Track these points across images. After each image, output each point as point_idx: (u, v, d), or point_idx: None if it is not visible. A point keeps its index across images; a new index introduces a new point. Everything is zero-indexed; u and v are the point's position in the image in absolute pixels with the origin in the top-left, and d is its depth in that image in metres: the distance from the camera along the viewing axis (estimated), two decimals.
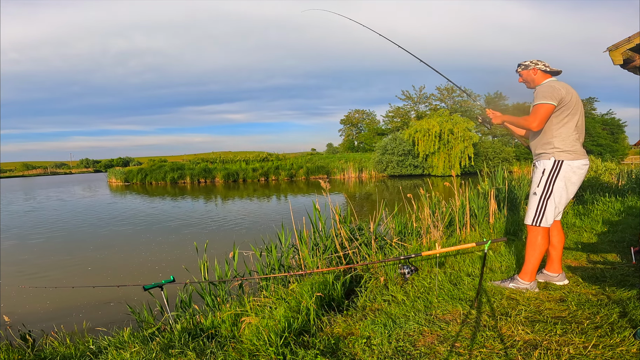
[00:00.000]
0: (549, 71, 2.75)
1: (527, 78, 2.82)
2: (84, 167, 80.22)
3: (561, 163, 2.62)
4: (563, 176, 2.62)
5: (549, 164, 2.65)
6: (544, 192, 2.66)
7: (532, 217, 2.71)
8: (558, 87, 2.60)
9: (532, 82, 2.80)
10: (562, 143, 2.62)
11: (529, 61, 2.78)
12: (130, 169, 36.09)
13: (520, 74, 2.85)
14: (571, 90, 2.65)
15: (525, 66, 2.79)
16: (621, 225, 4.95)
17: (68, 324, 4.30)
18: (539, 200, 2.67)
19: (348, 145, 51.69)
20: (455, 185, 4.97)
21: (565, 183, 2.63)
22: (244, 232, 10.54)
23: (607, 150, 36.61)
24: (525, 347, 1.91)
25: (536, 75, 2.76)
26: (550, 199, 2.65)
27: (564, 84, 2.67)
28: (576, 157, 2.62)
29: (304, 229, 4.08)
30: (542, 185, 2.67)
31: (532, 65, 2.76)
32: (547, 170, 2.65)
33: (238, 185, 29.24)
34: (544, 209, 2.66)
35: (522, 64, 2.81)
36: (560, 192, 2.64)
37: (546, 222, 2.67)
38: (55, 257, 8.67)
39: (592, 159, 10.67)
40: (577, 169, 2.63)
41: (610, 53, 5.01)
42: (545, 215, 2.66)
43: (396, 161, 32.09)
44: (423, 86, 44.69)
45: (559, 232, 2.85)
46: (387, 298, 2.80)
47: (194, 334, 2.65)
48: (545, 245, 2.71)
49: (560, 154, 2.62)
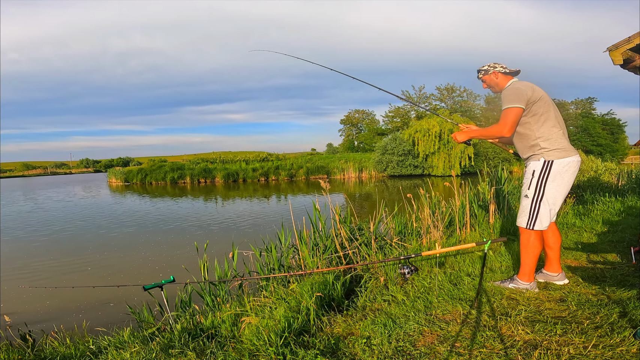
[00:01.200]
0: (508, 72, 2.70)
1: (490, 83, 2.77)
2: (84, 167, 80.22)
3: (551, 163, 2.53)
4: (555, 176, 2.54)
5: (538, 165, 2.57)
6: (536, 194, 2.59)
7: (525, 220, 2.64)
8: (522, 88, 2.54)
9: (496, 86, 2.75)
10: (547, 142, 2.55)
11: (487, 65, 2.73)
12: (130, 169, 36.08)
13: (483, 80, 2.80)
14: (537, 88, 2.59)
15: (485, 71, 2.75)
16: (621, 225, 4.95)
17: (68, 324, 4.30)
18: (531, 203, 2.60)
19: (348, 145, 51.69)
20: (455, 185, 4.97)
21: (557, 183, 2.55)
22: (243, 232, 10.54)
23: (607, 150, 36.63)
24: (525, 347, 1.91)
25: (498, 79, 2.71)
26: (543, 200, 2.57)
27: (528, 83, 2.62)
28: (566, 155, 2.54)
29: (304, 229, 4.07)
30: (533, 188, 2.60)
31: (491, 69, 2.71)
32: (537, 172, 2.58)
33: (238, 185, 29.24)
34: (537, 211, 2.58)
35: (482, 70, 2.77)
36: (554, 193, 2.56)
37: (541, 225, 2.60)
38: (55, 257, 8.67)
39: (592, 159, 10.67)
40: (568, 166, 2.54)
41: (610, 53, 5.00)
42: (539, 217, 2.59)
43: (396, 161, 32.09)
44: (423, 86, 44.80)
45: (554, 233, 2.78)
46: (387, 298, 2.80)
47: (194, 334, 2.65)
48: (538, 247, 2.65)
49: (549, 153, 2.54)
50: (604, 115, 41.78)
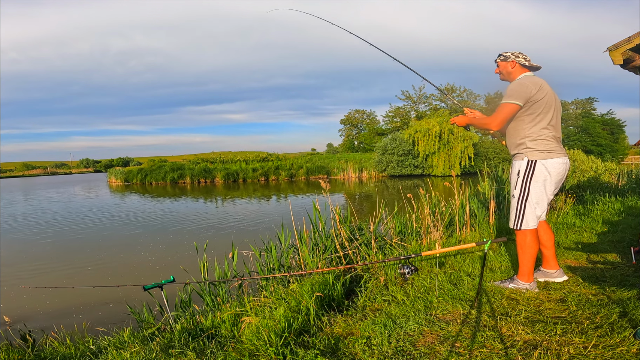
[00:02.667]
0: (527, 66, 2.66)
1: (503, 70, 2.74)
2: (84, 167, 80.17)
3: (534, 163, 2.54)
4: (538, 176, 2.54)
5: (523, 165, 2.58)
6: (521, 194, 2.60)
7: (513, 220, 2.65)
8: (528, 85, 2.52)
9: (507, 75, 2.72)
10: (534, 142, 2.55)
11: (510, 52, 2.70)
12: (130, 169, 36.09)
13: (497, 64, 2.77)
14: (546, 87, 2.57)
15: (505, 57, 2.71)
16: (621, 225, 4.95)
17: (68, 324, 4.30)
18: (517, 203, 2.61)
19: (348, 145, 51.72)
20: (455, 185, 4.97)
21: (542, 183, 2.55)
22: (243, 232, 10.54)
23: (607, 150, 36.64)
24: (525, 347, 1.91)
25: (513, 69, 2.68)
26: (528, 200, 2.58)
27: (539, 80, 2.59)
28: (550, 156, 2.54)
29: (304, 229, 4.07)
30: (519, 188, 2.60)
31: (512, 57, 2.67)
32: (521, 172, 2.59)
33: (238, 186, 29.24)
34: (523, 211, 2.59)
35: (503, 55, 2.73)
36: (538, 193, 2.57)
37: (527, 225, 2.60)
38: (55, 257, 8.67)
39: (592, 159, 10.66)
40: (552, 167, 2.54)
41: (610, 53, 5.00)
42: (525, 217, 2.60)
43: (396, 161, 32.10)
44: (423, 86, 44.80)
45: (546, 231, 2.79)
46: (387, 298, 2.80)
47: (194, 334, 2.65)
48: (534, 247, 2.65)
49: (533, 153, 2.55)
50: (603, 115, 41.81)
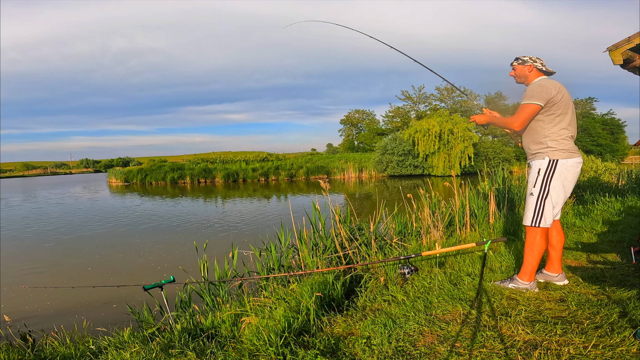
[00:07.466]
0: (543, 70, 2.72)
1: (519, 73, 2.79)
2: (84, 167, 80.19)
3: (556, 162, 2.60)
4: (559, 175, 2.60)
5: (544, 164, 2.63)
6: (541, 192, 2.64)
7: (530, 218, 2.69)
8: (548, 87, 2.58)
9: (524, 78, 2.77)
10: (555, 142, 2.61)
11: (528, 57, 2.74)
12: (130, 169, 36.08)
13: (514, 68, 2.81)
14: (562, 89, 2.62)
15: (523, 61, 2.75)
16: (621, 225, 4.95)
17: (68, 324, 4.30)
18: (537, 201, 2.66)
19: (348, 145, 51.70)
20: (455, 185, 4.97)
21: (561, 182, 2.62)
22: (243, 232, 10.54)
23: (607, 150, 36.61)
24: (525, 347, 1.91)
25: (530, 73, 2.74)
26: (547, 198, 2.63)
27: (556, 82, 2.65)
28: (570, 156, 2.61)
29: (303, 229, 4.07)
30: (539, 186, 2.65)
31: (530, 61, 2.73)
32: (542, 170, 2.64)
33: (238, 186, 29.24)
34: (542, 209, 2.64)
35: (520, 59, 2.77)
36: (557, 192, 2.63)
37: (545, 223, 2.65)
38: (55, 257, 8.67)
39: (592, 159, 10.66)
40: (571, 167, 2.62)
41: (610, 53, 5.00)
42: (544, 215, 2.65)
43: (396, 161, 32.09)
44: (422, 86, 44.75)
45: (559, 232, 2.84)
46: (387, 298, 2.80)
47: (194, 334, 2.65)
48: (543, 246, 2.70)
49: (555, 152, 2.60)
50: (604, 115, 41.80)
